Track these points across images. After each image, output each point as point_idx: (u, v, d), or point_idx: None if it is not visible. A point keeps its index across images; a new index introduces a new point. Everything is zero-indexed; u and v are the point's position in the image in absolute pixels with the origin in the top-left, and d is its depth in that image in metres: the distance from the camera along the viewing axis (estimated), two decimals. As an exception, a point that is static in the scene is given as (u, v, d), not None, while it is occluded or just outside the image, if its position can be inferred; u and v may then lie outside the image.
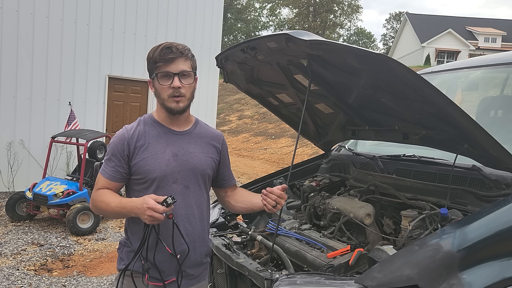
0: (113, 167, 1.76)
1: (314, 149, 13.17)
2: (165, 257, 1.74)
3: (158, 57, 1.70)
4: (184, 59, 1.73)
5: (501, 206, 1.74)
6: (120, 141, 1.77)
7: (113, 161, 1.77)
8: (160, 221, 1.59)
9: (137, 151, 1.75)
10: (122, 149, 1.75)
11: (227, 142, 2.03)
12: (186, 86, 1.74)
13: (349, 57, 1.77)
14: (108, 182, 1.78)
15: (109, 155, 1.78)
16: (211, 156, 1.89)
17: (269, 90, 2.71)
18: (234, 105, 25.44)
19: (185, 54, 1.73)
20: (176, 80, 1.70)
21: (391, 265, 1.58)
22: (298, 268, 2.06)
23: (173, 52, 1.70)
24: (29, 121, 8.09)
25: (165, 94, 1.73)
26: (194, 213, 1.82)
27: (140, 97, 9.65)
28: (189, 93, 1.77)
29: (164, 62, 1.70)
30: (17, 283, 4.25)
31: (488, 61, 2.90)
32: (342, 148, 3.17)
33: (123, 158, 1.76)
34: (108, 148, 1.81)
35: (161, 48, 1.70)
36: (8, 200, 6.30)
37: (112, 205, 1.70)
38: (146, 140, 1.77)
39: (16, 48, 7.86)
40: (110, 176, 1.77)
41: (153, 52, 1.73)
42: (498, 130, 2.35)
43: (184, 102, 1.76)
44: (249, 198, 1.97)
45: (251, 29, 54.07)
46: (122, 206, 1.67)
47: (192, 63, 1.77)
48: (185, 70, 1.72)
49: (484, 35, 37.59)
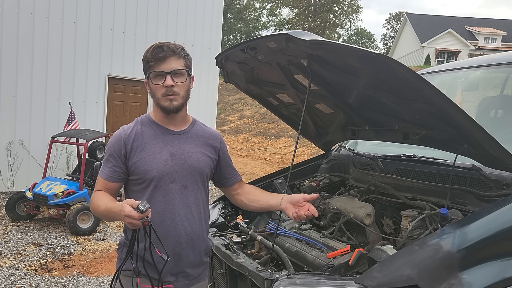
0: (110, 168, 1.77)
1: (314, 149, 13.16)
2: (158, 259, 1.71)
3: (150, 57, 1.71)
4: (177, 58, 1.72)
5: (501, 206, 1.74)
6: (117, 141, 1.77)
7: (110, 162, 1.77)
8: (139, 227, 1.55)
9: (134, 151, 1.75)
10: (119, 149, 1.76)
11: (227, 142, 2.04)
12: (180, 85, 1.74)
13: (349, 57, 1.77)
14: (106, 182, 1.78)
15: (107, 155, 1.79)
16: (209, 155, 1.89)
17: (269, 90, 2.71)
18: (234, 105, 25.44)
19: (177, 53, 1.72)
20: (168, 78, 1.70)
21: (391, 265, 1.58)
22: (298, 268, 2.06)
23: (164, 51, 1.70)
24: (29, 121, 8.09)
25: (159, 93, 1.74)
26: (192, 212, 1.82)
27: (140, 97, 9.66)
28: (183, 92, 1.76)
29: (156, 62, 1.70)
30: (17, 283, 4.25)
31: (488, 61, 2.90)
32: (342, 148, 3.17)
33: (120, 158, 1.76)
34: (106, 149, 1.82)
35: (153, 48, 1.71)
36: (8, 200, 6.31)
37: (101, 209, 1.70)
38: (144, 140, 1.77)
39: (16, 48, 7.86)
40: (108, 177, 1.77)
41: (146, 52, 1.74)
42: (498, 130, 2.35)
43: (178, 101, 1.75)
44: (265, 198, 1.96)
45: (251, 29, 54.07)
46: (108, 210, 1.66)
47: (185, 62, 1.76)
48: (177, 68, 1.72)
49: (484, 35, 37.60)
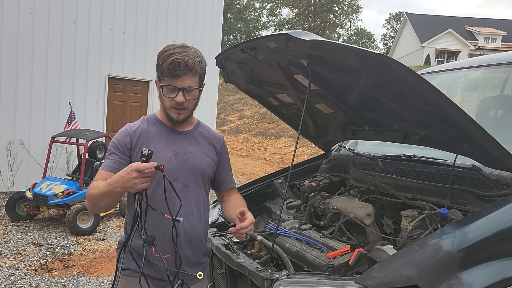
0: (115, 160, 1.76)
1: (314, 149, 13.17)
2: (159, 236, 1.67)
3: (166, 71, 1.69)
4: (192, 75, 1.72)
5: (501, 206, 1.74)
6: (124, 135, 1.79)
7: (115, 154, 1.76)
8: (150, 178, 1.52)
9: (138, 146, 1.76)
10: (125, 142, 1.77)
11: (227, 142, 2.04)
12: (190, 101, 1.76)
13: (349, 57, 1.77)
14: (109, 174, 1.71)
15: (111, 149, 1.78)
16: (211, 157, 1.90)
17: (269, 90, 2.71)
18: (234, 105, 25.44)
19: (193, 71, 1.71)
20: (180, 95, 1.72)
21: (391, 265, 1.58)
22: (298, 268, 2.06)
23: (181, 69, 1.68)
24: (29, 121, 8.09)
25: (168, 104, 1.76)
26: (193, 212, 1.83)
27: (140, 97, 9.66)
28: (191, 106, 1.79)
29: (170, 77, 1.70)
30: (17, 283, 4.25)
31: (488, 61, 2.90)
32: (342, 148, 3.16)
33: (126, 151, 1.77)
34: (109, 145, 1.81)
35: (170, 62, 1.67)
36: (8, 200, 6.31)
37: (100, 188, 1.63)
38: (148, 138, 1.79)
39: (16, 48, 7.86)
40: (112, 168, 1.73)
41: (162, 60, 1.70)
42: (498, 130, 2.35)
43: (185, 114, 1.79)
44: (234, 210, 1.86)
45: (251, 29, 54.07)
46: (109, 183, 1.59)
47: (200, 76, 1.76)
48: (190, 86, 1.72)
49: (484, 35, 37.59)
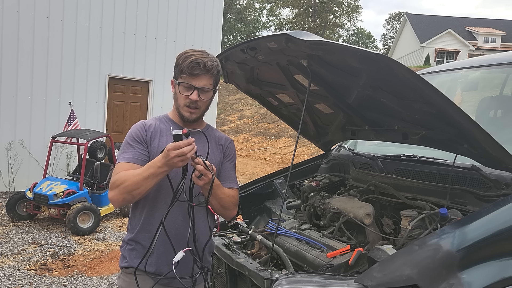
0: (136, 151, 1.79)
1: (314, 149, 13.17)
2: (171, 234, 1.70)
3: (185, 69, 1.75)
4: (209, 76, 1.79)
5: (501, 206, 1.74)
6: (140, 128, 1.84)
7: (135, 147, 1.80)
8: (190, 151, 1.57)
9: (150, 140, 1.82)
10: (142, 134, 1.82)
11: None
12: (203, 101, 1.81)
13: (349, 57, 1.77)
14: (131, 165, 1.74)
15: (130, 142, 1.81)
16: (218, 156, 1.94)
17: (269, 90, 2.71)
18: (234, 105, 25.44)
19: (211, 72, 1.78)
20: (195, 93, 1.77)
21: (390, 264, 1.58)
22: (298, 268, 2.06)
23: (200, 68, 1.75)
24: (29, 121, 8.10)
25: (182, 102, 1.81)
26: (199, 209, 1.82)
27: (140, 97, 9.66)
28: (204, 106, 1.85)
29: (189, 75, 1.76)
30: (17, 283, 4.25)
31: (487, 61, 2.90)
32: (342, 148, 3.17)
33: (143, 142, 1.81)
34: (126, 138, 1.84)
35: (190, 61, 1.75)
36: (9, 200, 6.31)
37: (140, 172, 1.66)
38: (161, 133, 1.85)
39: (17, 48, 7.87)
40: (134, 159, 1.76)
41: (182, 60, 1.78)
42: (498, 130, 2.36)
43: (197, 114, 1.84)
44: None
45: (251, 29, 54.04)
46: (150, 165, 1.65)
47: (215, 79, 1.83)
48: (206, 86, 1.78)
49: (484, 35, 37.57)
